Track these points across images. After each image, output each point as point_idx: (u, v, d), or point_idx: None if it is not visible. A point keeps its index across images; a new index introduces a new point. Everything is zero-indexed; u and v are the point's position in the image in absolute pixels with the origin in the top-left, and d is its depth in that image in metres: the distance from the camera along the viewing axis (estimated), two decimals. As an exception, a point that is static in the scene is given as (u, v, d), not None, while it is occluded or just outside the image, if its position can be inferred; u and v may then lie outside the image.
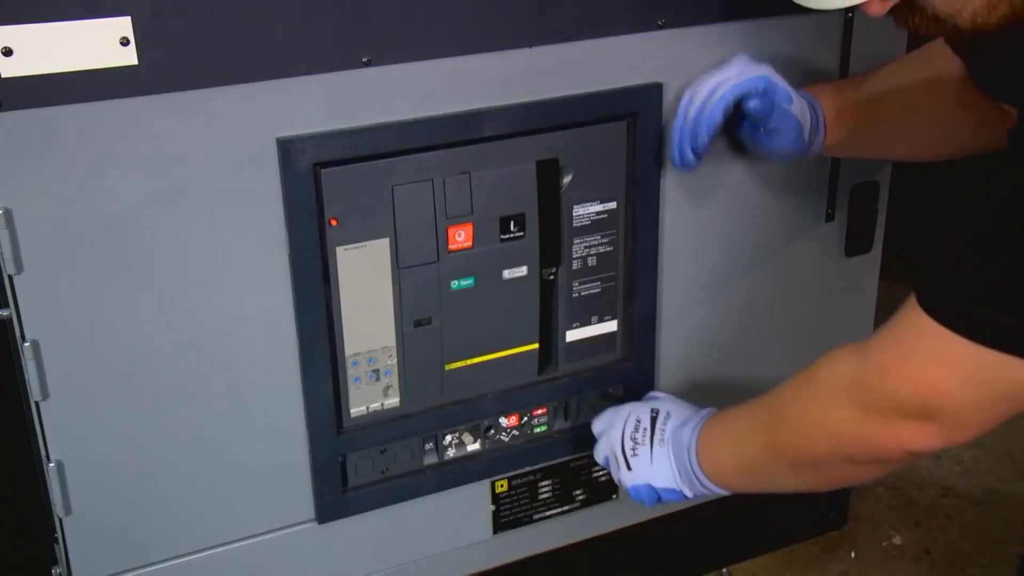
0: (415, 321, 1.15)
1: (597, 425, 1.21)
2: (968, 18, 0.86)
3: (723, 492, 1.11)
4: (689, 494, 1.12)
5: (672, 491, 1.13)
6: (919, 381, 0.88)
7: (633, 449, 1.15)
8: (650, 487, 1.14)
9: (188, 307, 1.05)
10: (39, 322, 1.00)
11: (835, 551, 1.56)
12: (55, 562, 1.18)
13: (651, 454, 1.13)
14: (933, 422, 0.89)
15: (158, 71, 0.95)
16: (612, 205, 1.20)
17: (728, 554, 1.53)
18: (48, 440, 1.04)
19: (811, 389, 0.99)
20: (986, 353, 0.84)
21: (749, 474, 1.07)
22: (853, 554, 1.56)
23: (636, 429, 1.15)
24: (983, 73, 1.08)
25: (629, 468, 1.15)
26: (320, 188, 1.05)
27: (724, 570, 1.52)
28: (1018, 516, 1.63)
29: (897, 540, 1.58)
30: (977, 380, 0.86)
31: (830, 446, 0.97)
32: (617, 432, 1.16)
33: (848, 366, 0.95)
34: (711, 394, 1.37)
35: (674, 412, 1.16)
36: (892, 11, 0.90)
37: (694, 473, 1.10)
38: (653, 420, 1.15)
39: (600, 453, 1.20)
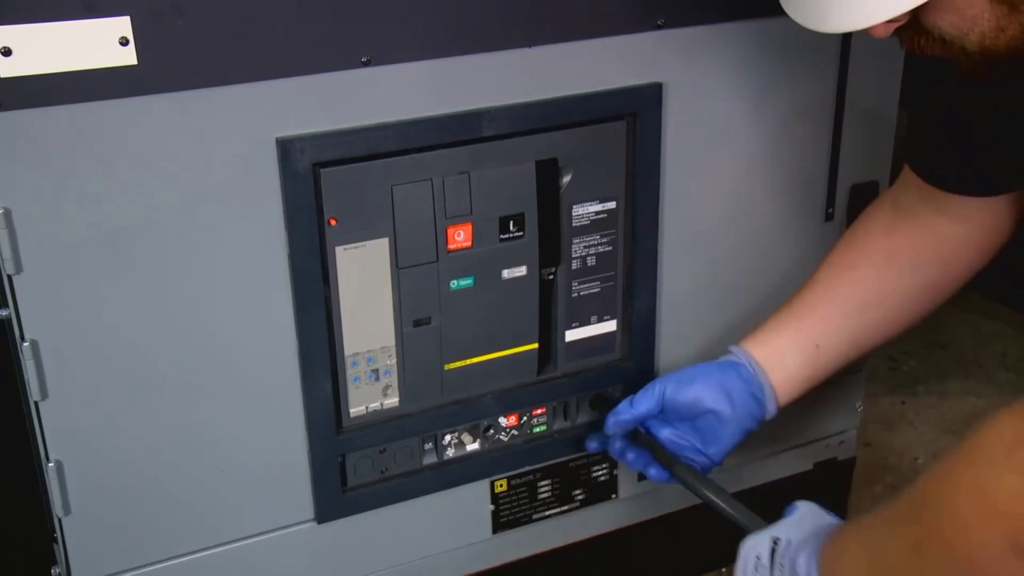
0: (414, 321, 1.15)
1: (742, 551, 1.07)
2: (976, 40, 0.84)
3: None
4: None
5: None
6: None
7: None
8: None
9: (187, 307, 1.05)
10: (38, 322, 1.00)
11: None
12: (54, 562, 1.19)
13: None
14: None
15: (157, 71, 0.95)
16: (611, 205, 1.20)
17: (728, 554, 1.52)
18: (47, 440, 1.04)
19: (967, 462, 0.79)
20: None
21: None
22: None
23: (756, 568, 1.02)
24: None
25: None
26: (319, 188, 1.05)
27: (723, 570, 1.52)
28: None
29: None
30: None
31: (994, 532, 0.76)
32: (739, 572, 1.04)
33: (1008, 425, 0.77)
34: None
35: (794, 539, 1.00)
36: (897, 32, 0.88)
37: None
38: (773, 552, 1.01)
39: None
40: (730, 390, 1.15)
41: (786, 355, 1.17)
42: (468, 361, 1.20)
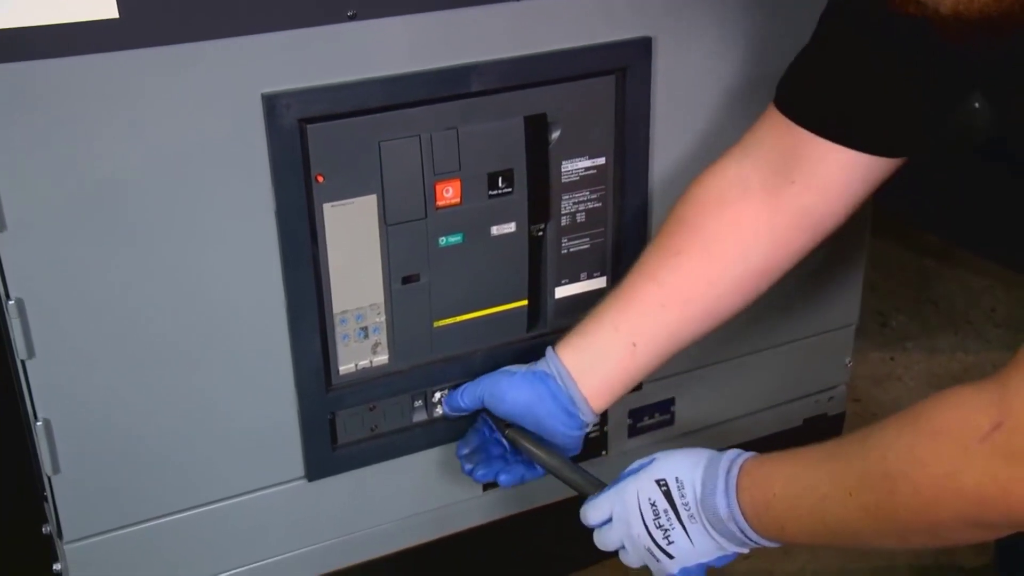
0: (403, 278, 1.15)
1: (595, 514, 1.05)
2: (950, 5, 0.81)
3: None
4: (745, 551, 1.00)
5: (724, 558, 1.00)
6: None
7: (666, 537, 0.99)
8: (700, 565, 1.00)
9: (174, 265, 1.04)
10: (23, 280, 0.99)
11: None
12: (45, 520, 1.19)
13: (687, 535, 0.98)
14: None
15: (139, 24, 0.94)
16: (601, 161, 1.20)
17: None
18: (35, 399, 1.04)
19: (934, 441, 0.82)
20: None
21: (834, 536, 0.92)
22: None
23: (656, 515, 0.99)
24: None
25: (671, 557, 1.00)
26: (306, 144, 1.04)
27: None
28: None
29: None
30: None
31: (958, 510, 0.81)
32: (637, 526, 1.00)
33: (982, 408, 0.79)
34: (698, 349, 1.37)
35: (685, 477, 0.99)
36: None
37: (748, 538, 0.97)
38: (667, 494, 0.99)
39: (612, 542, 1.04)
40: (540, 412, 1.12)
41: (600, 361, 1.12)
42: (457, 318, 1.19)
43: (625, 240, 1.24)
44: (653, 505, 0.99)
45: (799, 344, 1.43)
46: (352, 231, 1.10)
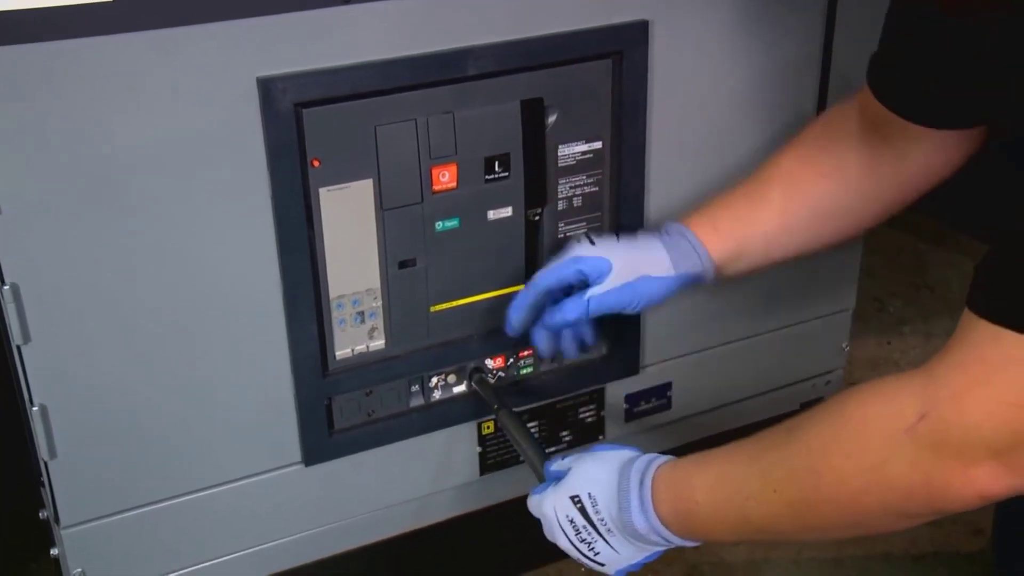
0: (399, 263, 1.14)
1: (533, 510, 1.05)
2: None
3: None
4: (672, 547, 0.99)
5: (657, 553, 1.00)
6: (1008, 404, 0.75)
7: (591, 549, 0.99)
8: (634, 565, 1.00)
9: (169, 251, 1.04)
10: (18, 265, 0.99)
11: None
12: (42, 506, 1.19)
13: (610, 546, 0.98)
14: (1017, 454, 0.75)
15: (135, 8, 0.93)
16: (597, 145, 1.19)
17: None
18: (31, 384, 1.04)
19: (858, 434, 0.82)
20: None
21: (759, 533, 0.92)
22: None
23: (577, 531, 0.98)
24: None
25: (602, 565, 1.00)
26: (302, 128, 1.04)
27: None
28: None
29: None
30: None
31: (884, 500, 0.81)
32: (562, 540, 1.00)
33: (907, 400, 0.79)
34: (695, 334, 1.37)
35: (597, 493, 0.98)
36: None
37: (672, 543, 0.97)
38: (583, 511, 0.98)
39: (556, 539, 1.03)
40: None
41: (724, 234, 1.11)
42: (454, 303, 1.19)
43: (622, 224, 1.23)
44: (572, 522, 0.99)
45: (796, 329, 1.43)
46: (348, 216, 1.10)
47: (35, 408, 1.04)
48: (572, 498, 0.99)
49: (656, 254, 1.11)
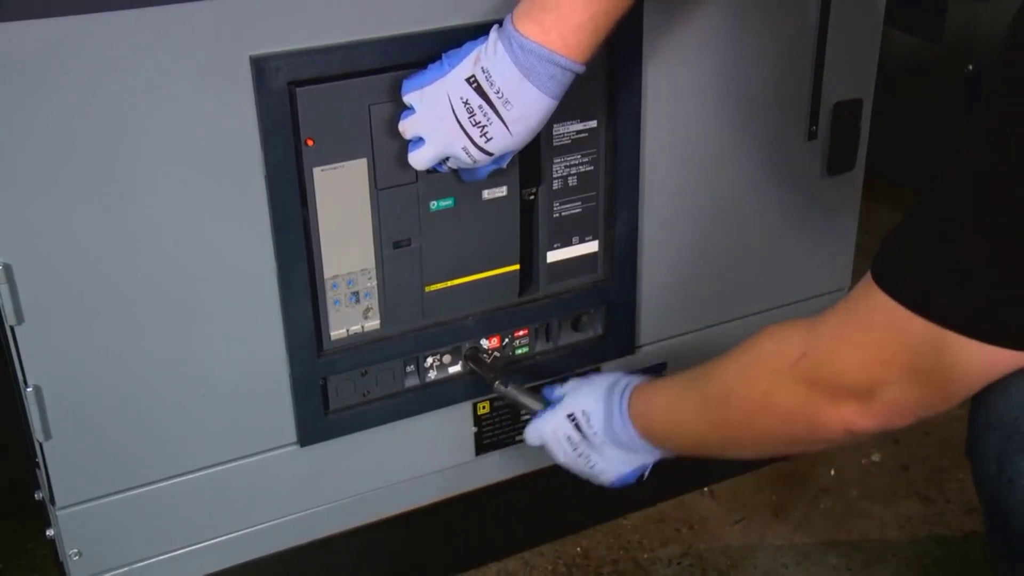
0: (394, 243, 1.14)
1: (530, 437, 1.18)
2: None
3: None
4: (658, 457, 1.14)
5: (646, 465, 1.14)
6: (869, 358, 0.86)
7: (587, 461, 1.14)
8: (632, 471, 1.14)
9: (163, 231, 1.04)
10: (9, 245, 0.98)
11: (815, 469, 1.58)
12: (37, 487, 1.19)
13: (603, 456, 1.13)
14: (877, 401, 0.87)
15: (126, -14, 0.93)
16: (592, 124, 1.19)
17: (710, 474, 1.54)
18: (25, 365, 1.04)
19: (756, 366, 0.97)
20: (938, 332, 0.80)
21: (698, 448, 1.08)
22: (832, 472, 1.57)
23: (575, 447, 1.14)
24: None
25: (600, 475, 1.15)
26: (295, 108, 1.03)
27: (706, 489, 1.54)
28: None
29: (876, 457, 1.60)
30: (924, 360, 0.82)
31: (773, 425, 0.96)
32: (563, 456, 1.15)
33: (795, 341, 0.92)
34: (691, 314, 1.37)
35: (590, 409, 1.12)
36: None
37: (652, 452, 1.12)
38: (578, 427, 1.13)
39: (552, 457, 1.18)
40: None
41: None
42: (449, 283, 1.19)
43: (617, 204, 1.23)
44: (569, 439, 1.13)
45: (791, 308, 1.43)
46: (343, 195, 1.09)
47: (29, 389, 1.04)
48: (568, 416, 1.13)
49: None
